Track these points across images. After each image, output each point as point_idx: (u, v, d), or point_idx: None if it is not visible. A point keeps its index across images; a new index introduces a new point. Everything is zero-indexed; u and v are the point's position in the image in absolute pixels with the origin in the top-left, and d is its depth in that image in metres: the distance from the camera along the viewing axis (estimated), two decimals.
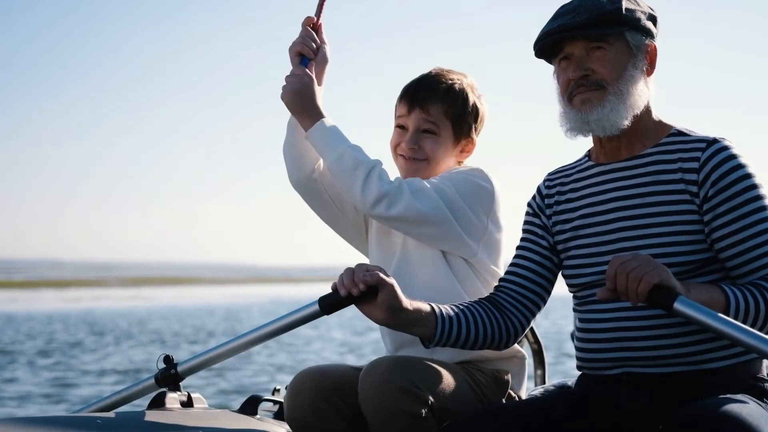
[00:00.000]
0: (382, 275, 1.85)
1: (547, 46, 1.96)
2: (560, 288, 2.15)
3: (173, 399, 2.03)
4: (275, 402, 2.37)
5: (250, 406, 2.18)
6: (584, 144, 2.05)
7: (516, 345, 2.19)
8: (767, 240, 1.83)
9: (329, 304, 1.90)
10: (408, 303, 1.89)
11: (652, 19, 1.96)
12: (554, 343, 12.88)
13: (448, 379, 1.98)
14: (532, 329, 2.48)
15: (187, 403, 2.07)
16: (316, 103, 2.12)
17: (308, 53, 2.15)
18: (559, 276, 2.11)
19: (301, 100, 2.12)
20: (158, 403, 2.01)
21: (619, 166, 1.97)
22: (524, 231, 2.13)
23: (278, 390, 2.49)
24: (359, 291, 1.85)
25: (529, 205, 2.15)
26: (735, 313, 1.79)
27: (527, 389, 2.28)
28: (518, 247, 2.13)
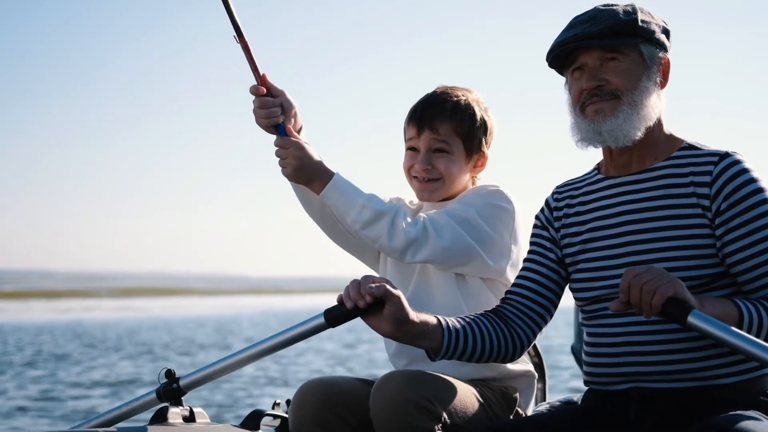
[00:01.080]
0: (388, 287, 1.83)
1: (560, 55, 1.94)
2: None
3: (175, 414, 2.00)
4: (276, 416, 2.34)
5: (252, 421, 2.15)
6: (586, 154, 2.03)
7: (526, 363, 2.18)
8: None
9: (335, 317, 1.88)
10: (414, 315, 1.88)
11: (666, 32, 1.96)
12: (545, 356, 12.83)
13: (460, 395, 1.97)
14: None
15: (190, 418, 2.04)
16: (319, 166, 2.08)
17: (276, 120, 2.09)
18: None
19: (305, 173, 2.08)
20: (160, 418, 1.98)
21: (630, 180, 1.96)
22: (532, 243, 2.11)
23: (278, 404, 2.46)
24: (366, 303, 1.83)
25: (537, 217, 2.13)
26: (748, 328, 1.77)
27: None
28: (526, 260, 2.11)
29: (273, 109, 2.07)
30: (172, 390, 2.03)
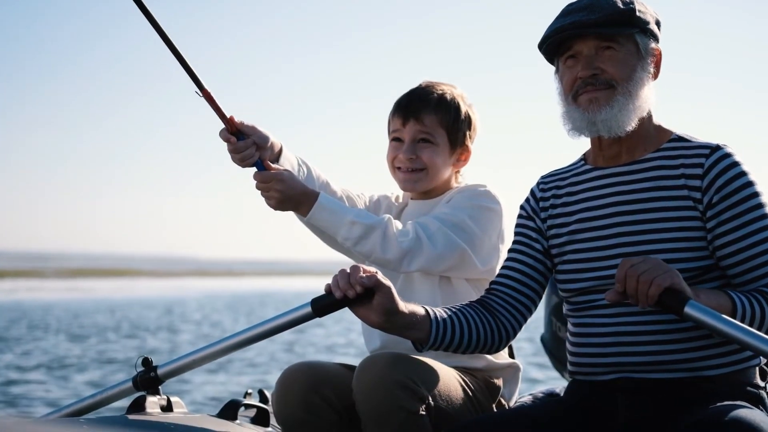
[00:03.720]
0: (379, 277, 1.81)
1: (553, 43, 1.92)
2: None
3: (153, 403, 1.95)
4: (252, 406, 2.30)
5: (229, 411, 2.10)
6: (562, 144, 2.02)
7: (510, 357, 2.17)
8: None
9: (322, 306, 1.84)
10: (403, 306, 1.85)
11: (658, 24, 1.95)
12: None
13: (443, 379, 1.98)
14: None
15: (167, 408, 1.98)
16: (301, 192, 2.09)
17: (252, 159, 2.09)
18: None
19: (289, 203, 2.09)
20: (138, 407, 1.93)
21: (620, 171, 1.95)
22: (517, 234, 2.09)
23: (250, 393, 2.42)
24: (356, 293, 1.80)
25: (522, 207, 2.11)
26: (741, 319, 1.78)
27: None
28: (511, 250, 2.09)
29: (247, 152, 2.08)
30: (149, 379, 1.99)
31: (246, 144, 2.08)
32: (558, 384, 2.47)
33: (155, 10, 1.97)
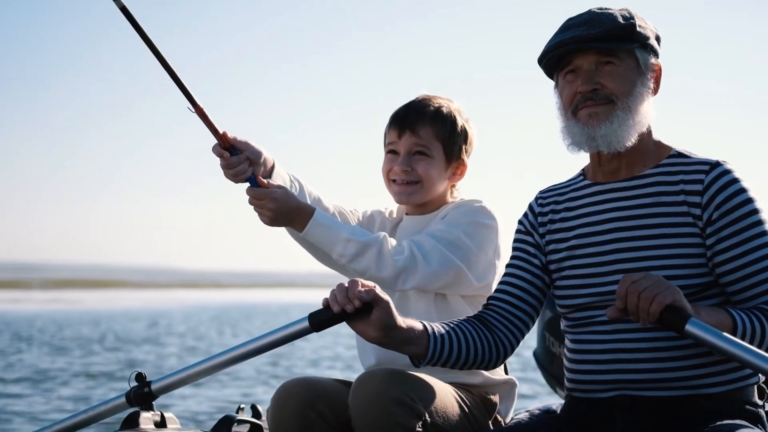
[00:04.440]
0: (378, 291, 1.79)
1: (553, 57, 1.91)
2: None
3: (147, 419, 1.93)
4: (246, 422, 2.27)
5: (223, 427, 2.08)
6: (558, 159, 2.02)
7: (506, 373, 2.15)
8: None
9: (320, 321, 1.82)
10: (401, 321, 1.84)
11: (658, 39, 1.95)
12: None
13: (440, 395, 1.96)
14: None
15: (161, 424, 1.96)
16: (296, 207, 2.08)
17: (245, 175, 2.08)
18: None
19: (283, 219, 2.08)
20: (131, 423, 1.91)
21: (619, 186, 1.94)
22: (515, 249, 2.08)
23: (242, 408, 2.40)
24: (354, 308, 1.78)
25: (520, 222, 2.10)
26: (741, 337, 1.77)
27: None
28: (508, 265, 2.08)
29: (240, 167, 2.07)
30: (143, 394, 1.96)
31: (239, 159, 2.07)
32: (548, 399, 2.46)
33: (141, 20, 1.97)
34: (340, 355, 12.74)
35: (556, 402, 2.23)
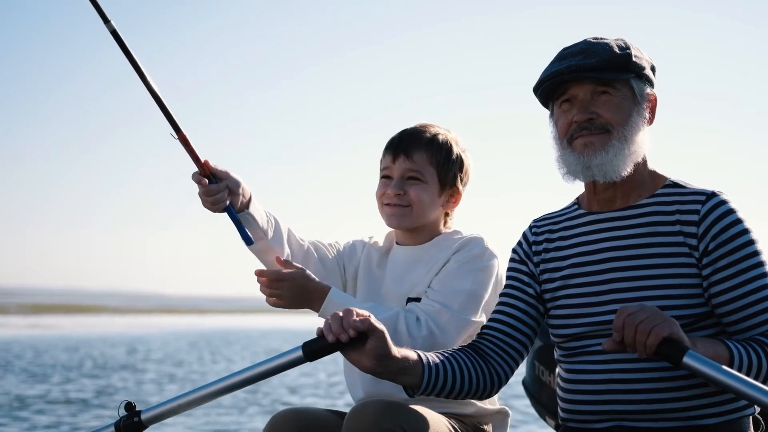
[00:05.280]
0: (373, 321, 1.77)
1: (549, 86, 1.91)
2: None
3: None
4: None
5: None
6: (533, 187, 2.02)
7: (498, 403, 2.13)
8: (766, 296, 1.82)
9: (314, 350, 1.80)
10: (396, 351, 1.82)
11: (653, 69, 1.96)
12: None
13: (433, 426, 1.94)
14: None
15: None
16: (314, 289, 2.10)
17: (223, 204, 2.07)
18: None
19: (301, 302, 2.10)
20: None
21: (614, 216, 1.94)
22: (509, 278, 2.07)
23: None
24: (348, 337, 1.75)
25: (514, 251, 2.09)
26: (738, 369, 1.77)
27: None
28: (503, 294, 2.07)
29: (219, 195, 2.06)
30: (132, 424, 1.92)
31: (218, 188, 2.06)
32: (536, 427, 2.43)
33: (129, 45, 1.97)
34: (320, 383, 12.64)
35: None
